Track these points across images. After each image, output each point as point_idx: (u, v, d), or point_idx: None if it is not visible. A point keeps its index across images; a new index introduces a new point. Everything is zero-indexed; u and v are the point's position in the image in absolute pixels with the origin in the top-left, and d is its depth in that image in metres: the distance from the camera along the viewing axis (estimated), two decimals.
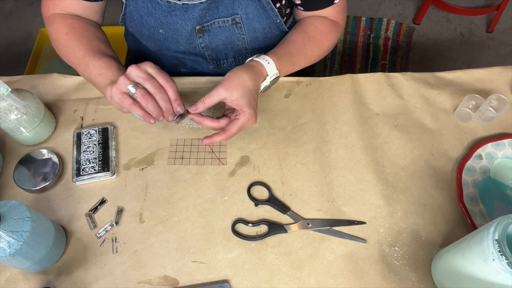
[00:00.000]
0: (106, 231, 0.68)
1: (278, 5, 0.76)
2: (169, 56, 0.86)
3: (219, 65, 0.86)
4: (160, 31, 0.77)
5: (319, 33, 0.77)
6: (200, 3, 0.70)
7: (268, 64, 0.69)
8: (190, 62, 0.87)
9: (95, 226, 0.68)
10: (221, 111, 0.80)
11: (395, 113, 0.79)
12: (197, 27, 0.75)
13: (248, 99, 0.65)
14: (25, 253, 0.56)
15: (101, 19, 0.82)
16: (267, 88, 0.72)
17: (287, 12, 0.81)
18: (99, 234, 0.67)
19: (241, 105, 0.65)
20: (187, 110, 0.67)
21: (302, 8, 0.78)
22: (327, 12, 0.78)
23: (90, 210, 0.70)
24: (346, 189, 0.71)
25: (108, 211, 0.70)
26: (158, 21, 0.75)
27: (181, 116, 0.67)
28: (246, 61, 0.72)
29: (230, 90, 0.65)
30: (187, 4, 0.71)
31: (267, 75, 0.70)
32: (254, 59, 0.70)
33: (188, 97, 0.82)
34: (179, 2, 0.71)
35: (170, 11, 0.73)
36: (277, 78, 0.72)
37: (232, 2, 0.73)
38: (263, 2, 0.74)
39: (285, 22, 0.83)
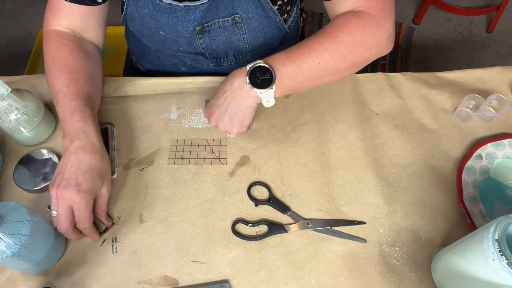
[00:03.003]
0: (106, 231, 0.68)
1: (279, 2, 0.76)
2: (169, 55, 0.86)
3: (219, 63, 0.86)
4: (161, 32, 0.77)
5: (332, 26, 0.65)
6: (202, 4, 0.70)
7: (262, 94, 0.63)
8: (190, 61, 0.87)
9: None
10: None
11: (395, 113, 0.79)
12: (197, 28, 0.75)
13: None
14: (23, 256, 0.56)
15: (102, 33, 0.79)
16: (256, 83, 0.63)
17: (287, 9, 0.81)
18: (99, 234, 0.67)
19: None
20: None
21: None
22: (352, 3, 0.66)
23: None
24: (346, 189, 0.71)
25: (108, 211, 0.70)
26: (159, 23, 0.75)
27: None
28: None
29: None
30: (189, 5, 0.71)
31: (244, 67, 0.63)
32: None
33: (188, 97, 0.82)
34: (180, 4, 0.71)
35: (171, 13, 0.73)
36: (262, 67, 0.62)
37: (232, 2, 0.73)
38: (262, 1, 0.74)
39: (285, 21, 0.82)
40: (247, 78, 0.62)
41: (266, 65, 0.62)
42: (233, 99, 0.65)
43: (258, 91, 0.62)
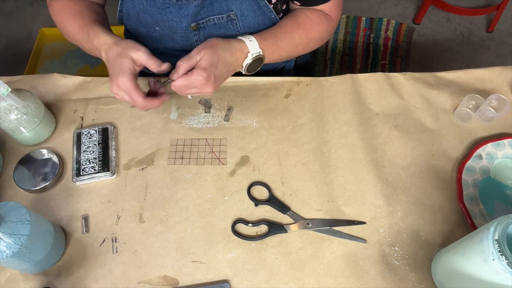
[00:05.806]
0: (106, 231, 0.68)
1: (274, 1, 0.76)
2: (166, 54, 0.86)
3: None
4: (156, 28, 0.77)
5: (308, 21, 0.77)
6: (195, 0, 0.71)
7: (250, 42, 0.70)
8: None
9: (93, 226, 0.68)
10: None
11: (395, 113, 0.79)
12: (192, 25, 0.76)
13: (208, 63, 0.65)
14: (22, 256, 0.56)
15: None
16: (251, 68, 0.72)
17: (283, 8, 0.81)
18: (99, 234, 0.67)
19: (200, 65, 0.65)
20: (169, 79, 0.67)
21: (298, 4, 0.78)
22: (322, 6, 0.77)
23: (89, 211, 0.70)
24: (346, 189, 0.71)
25: (108, 211, 0.70)
26: (153, 18, 0.75)
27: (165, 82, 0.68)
28: None
29: (201, 52, 0.66)
30: (181, 1, 0.71)
31: (249, 52, 0.70)
32: (238, 37, 0.71)
33: (185, 97, 0.82)
34: None
35: (164, 8, 0.73)
36: (261, 59, 0.72)
37: None
38: None
39: (280, 19, 0.83)
40: (250, 61, 0.70)
41: (263, 57, 0.72)
42: (233, 70, 0.71)
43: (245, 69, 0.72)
